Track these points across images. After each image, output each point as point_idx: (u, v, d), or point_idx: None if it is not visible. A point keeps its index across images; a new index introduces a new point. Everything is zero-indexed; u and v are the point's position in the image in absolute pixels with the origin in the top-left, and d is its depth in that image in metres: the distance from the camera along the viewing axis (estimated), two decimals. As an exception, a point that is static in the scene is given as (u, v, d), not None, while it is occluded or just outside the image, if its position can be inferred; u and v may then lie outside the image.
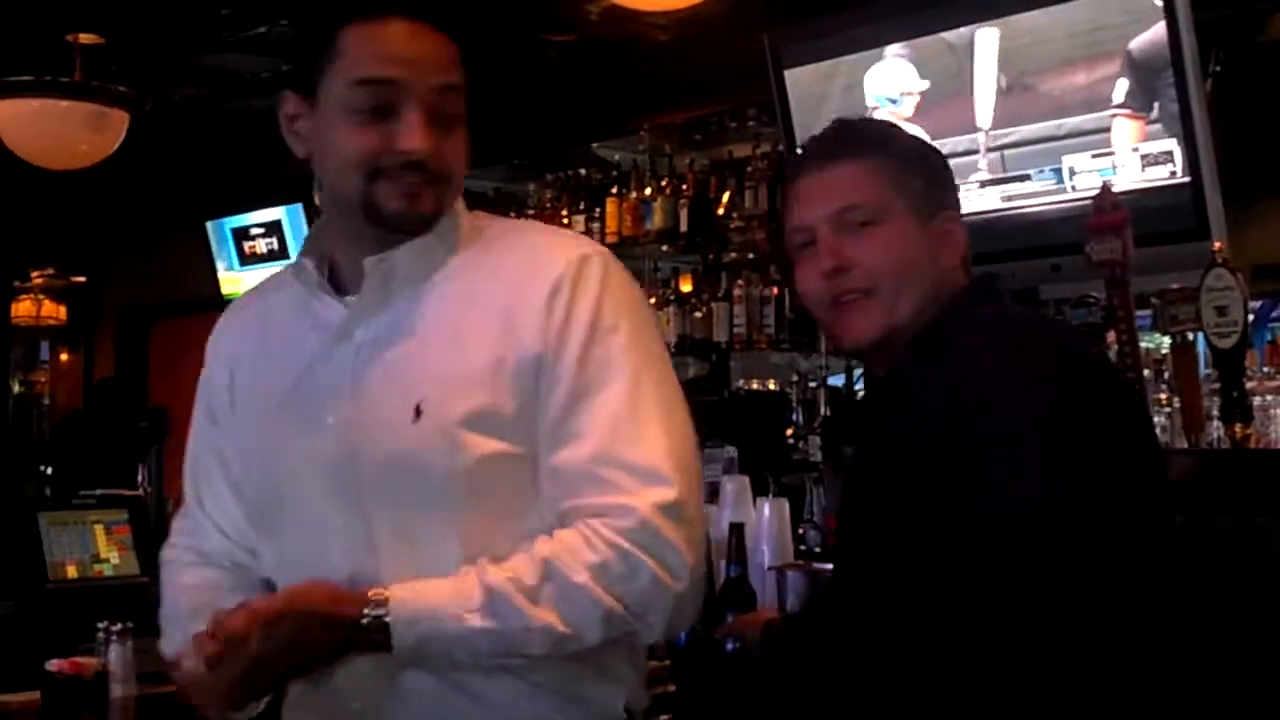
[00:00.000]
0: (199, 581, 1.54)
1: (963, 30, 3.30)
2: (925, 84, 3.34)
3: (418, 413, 1.37)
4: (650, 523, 1.34)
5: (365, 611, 1.34)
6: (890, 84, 3.39)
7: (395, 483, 1.38)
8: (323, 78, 1.39)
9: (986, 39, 3.33)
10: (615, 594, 1.34)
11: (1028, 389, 1.36)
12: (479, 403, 1.37)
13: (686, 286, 4.67)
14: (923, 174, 1.55)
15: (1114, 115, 3.01)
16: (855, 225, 1.51)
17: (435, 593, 1.35)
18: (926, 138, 1.80)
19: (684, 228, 4.56)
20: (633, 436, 1.37)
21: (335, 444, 1.41)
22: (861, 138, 1.58)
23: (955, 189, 1.61)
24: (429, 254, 1.44)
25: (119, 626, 2.38)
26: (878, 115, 3.26)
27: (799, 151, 1.63)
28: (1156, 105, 2.93)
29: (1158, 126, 2.94)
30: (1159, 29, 2.91)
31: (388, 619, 1.33)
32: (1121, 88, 2.99)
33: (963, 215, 1.60)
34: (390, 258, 1.42)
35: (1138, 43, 2.96)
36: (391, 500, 1.39)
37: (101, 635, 2.43)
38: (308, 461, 1.43)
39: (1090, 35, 3.06)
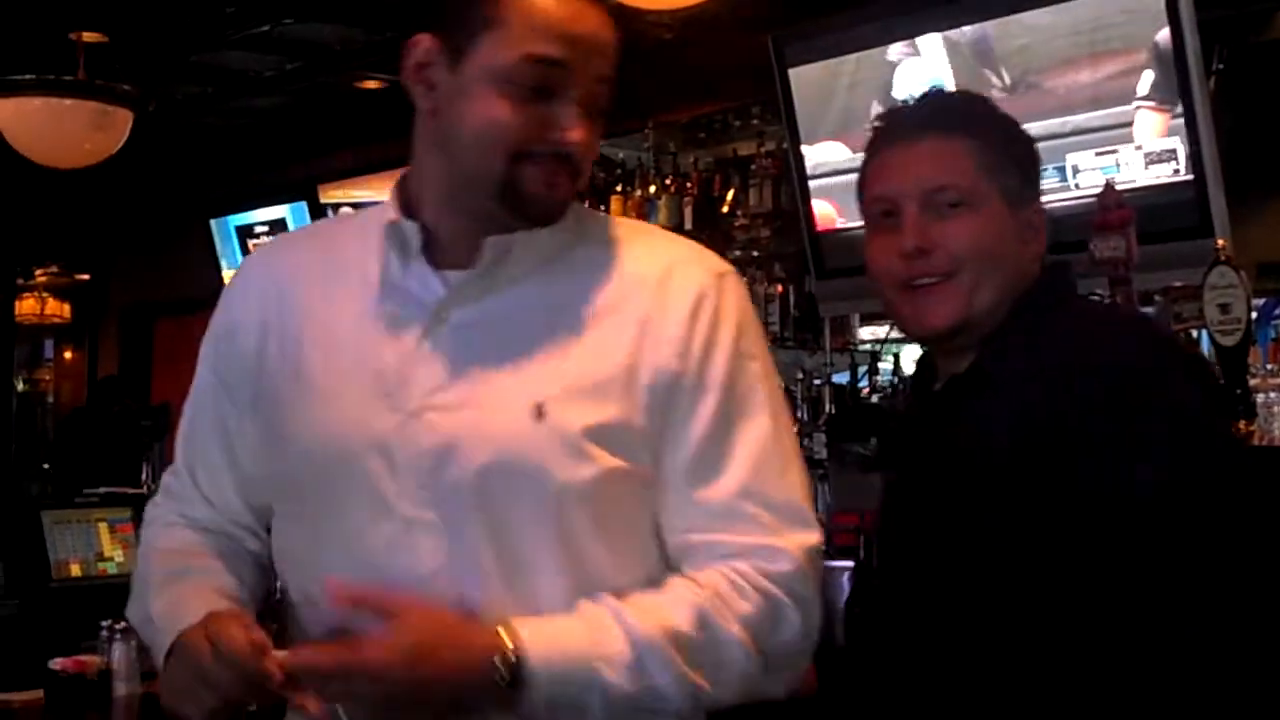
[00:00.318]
0: (176, 545, 1.38)
1: (966, 29, 3.31)
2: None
3: (539, 413, 1.23)
4: (801, 568, 1.25)
5: (501, 649, 1.17)
6: (920, 81, 3.38)
7: (500, 487, 1.23)
8: (479, 39, 1.23)
9: (931, 45, 3.34)
10: (760, 648, 1.23)
11: (1147, 384, 1.32)
12: (610, 414, 1.24)
13: (690, 284, 4.66)
14: (1017, 159, 1.47)
15: (1138, 108, 2.99)
16: (944, 206, 1.42)
17: (571, 637, 1.20)
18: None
19: (688, 225, 4.56)
20: (778, 472, 1.28)
21: (427, 434, 1.25)
22: (960, 113, 1.49)
23: (1040, 178, 1.52)
24: (550, 243, 1.30)
25: (122, 625, 2.38)
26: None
27: (884, 117, 1.53)
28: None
29: (1181, 121, 2.93)
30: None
31: (523, 664, 1.17)
32: (1147, 80, 2.96)
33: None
34: (511, 240, 1.28)
35: (1164, 35, 2.93)
36: (490, 505, 1.24)
37: (105, 634, 2.44)
38: (384, 451, 1.25)
39: (1093, 34, 3.05)
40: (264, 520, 1.40)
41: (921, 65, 3.40)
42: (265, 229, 6.32)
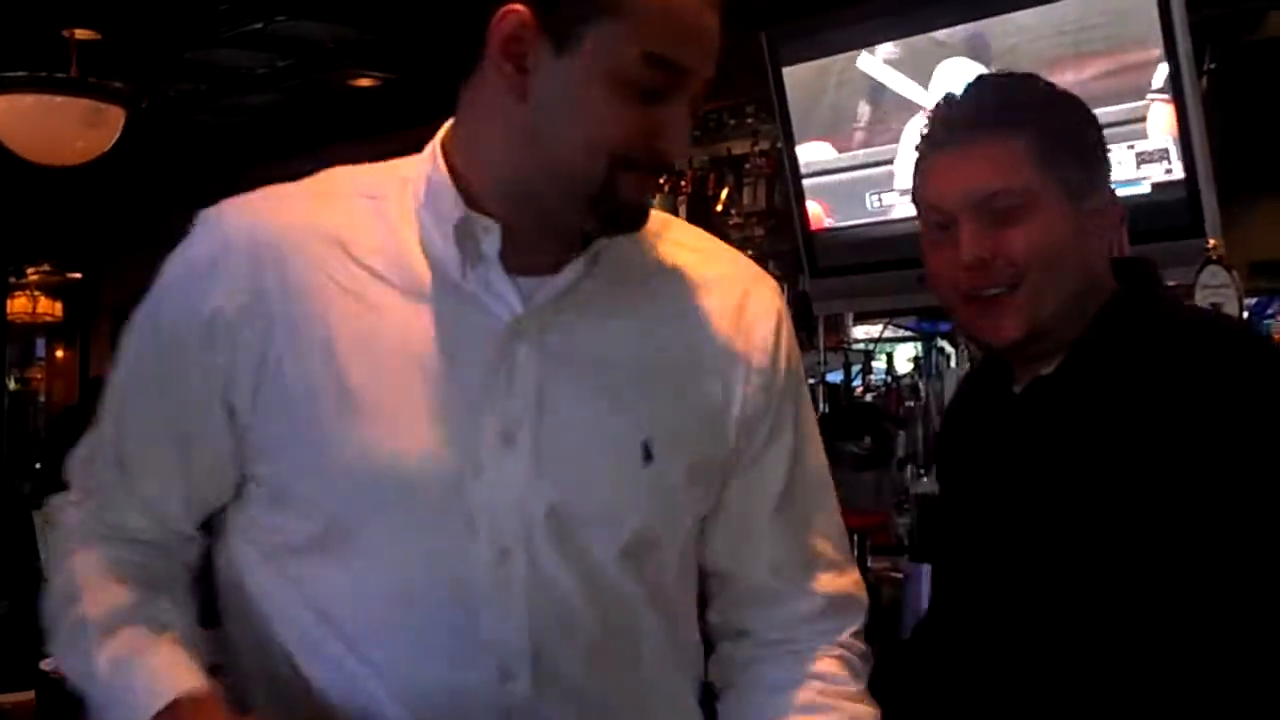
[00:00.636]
0: (109, 572, 1.14)
1: (956, 29, 3.31)
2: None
3: (648, 454, 1.11)
4: (867, 611, 1.26)
5: None
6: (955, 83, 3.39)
7: (596, 531, 1.11)
8: (590, 27, 1.05)
9: (871, 64, 3.34)
10: None
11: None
12: (708, 453, 1.16)
13: (683, 283, 4.67)
14: (1078, 149, 1.38)
15: (1151, 101, 2.96)
16: (1000, 212, 1.33)
17: None
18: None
19: (681, 224, 4.56)
20: (831, 499, 1.26)
21: (514, 469, 1.09)
22: (1013, 105, 1.38)
23: (1108, 160, 1.43)
24: (630, 251, 1.16)
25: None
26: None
27: (931, 116, 1.43)
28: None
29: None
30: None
31: None
32: (1162, 73, 2.93)
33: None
34: (598, 248, 1.13)
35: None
36: (582, 548, 1.11)
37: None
38: (459, 485, 1.09)
39: (1078, 34, 3.06)
40: (202, 521, 1.20)
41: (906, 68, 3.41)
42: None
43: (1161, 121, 2.95)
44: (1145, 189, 2.98)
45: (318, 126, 5.84)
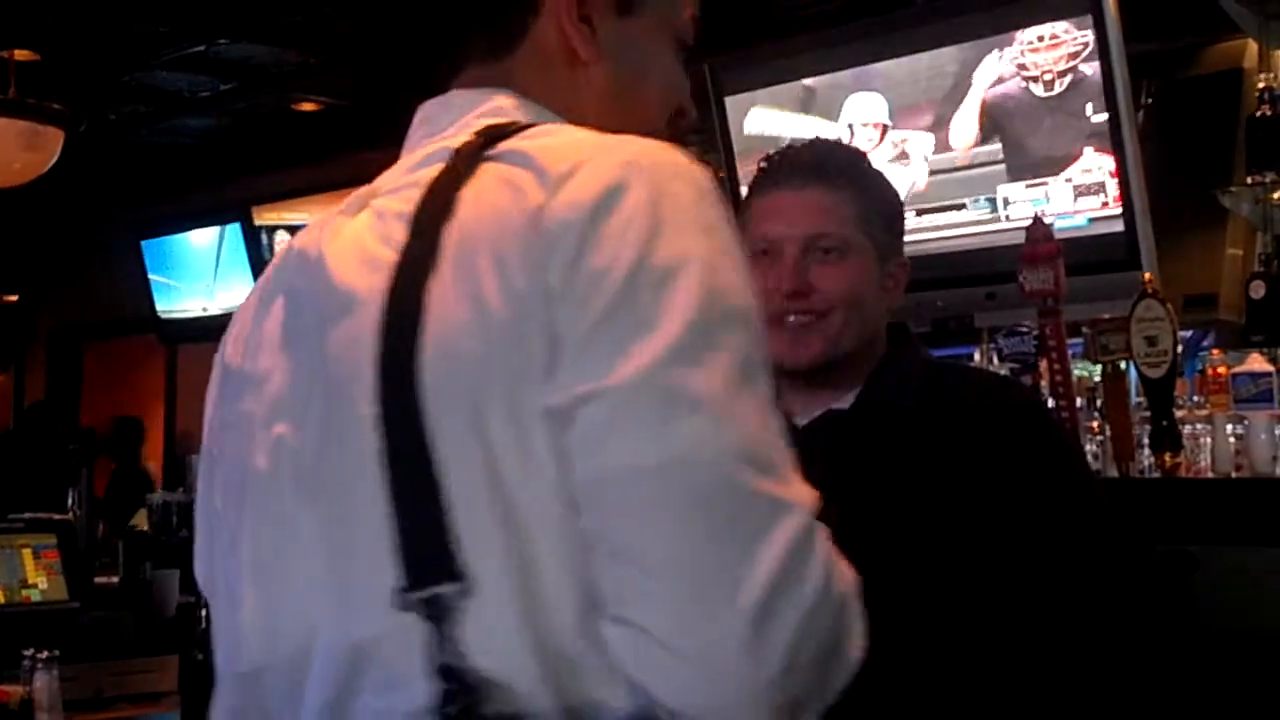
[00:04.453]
0: None
1: (903, 60, 3.36)
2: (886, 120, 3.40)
3: None
4: None
5: None
6: (863, 113, 3.44)
7: None
8: None
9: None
10: None
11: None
12: None
13: (628, 311, 4.68)
14: (888, 215, 1.60)
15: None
16: (821, 252, 1.54)
17: None
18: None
19: (626, 252, 4.58)
20: None
21: None
22: (843, 166, 1.60)
23: (903, 233, 1.65)
24: None
25: (45, 654, 2.34)
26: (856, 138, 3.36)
27: (770, 160, 1.62)
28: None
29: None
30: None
31: None
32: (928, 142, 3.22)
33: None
34: None
35: (963, 110, 3.18)
36: None
37: (27, 663, 2.38)
38: None
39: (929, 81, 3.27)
40: None
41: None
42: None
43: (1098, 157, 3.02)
44: (1082, 223, 3.04)
45: (260, 151, 5.80)
